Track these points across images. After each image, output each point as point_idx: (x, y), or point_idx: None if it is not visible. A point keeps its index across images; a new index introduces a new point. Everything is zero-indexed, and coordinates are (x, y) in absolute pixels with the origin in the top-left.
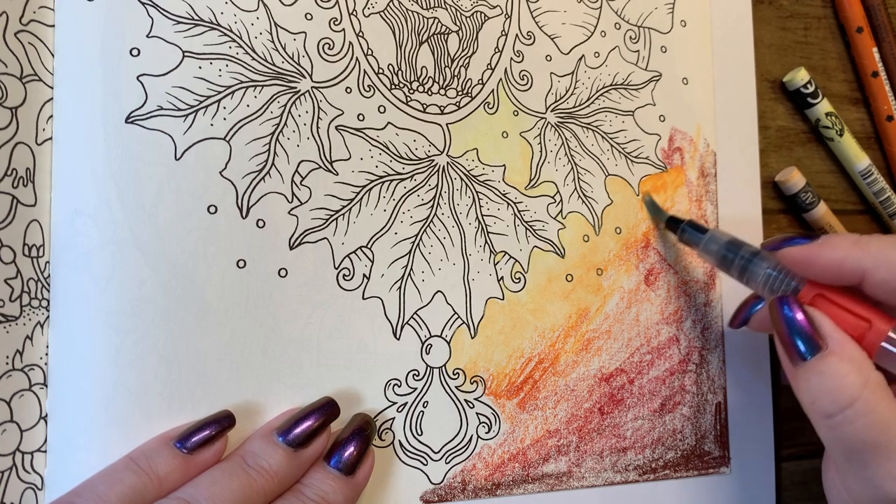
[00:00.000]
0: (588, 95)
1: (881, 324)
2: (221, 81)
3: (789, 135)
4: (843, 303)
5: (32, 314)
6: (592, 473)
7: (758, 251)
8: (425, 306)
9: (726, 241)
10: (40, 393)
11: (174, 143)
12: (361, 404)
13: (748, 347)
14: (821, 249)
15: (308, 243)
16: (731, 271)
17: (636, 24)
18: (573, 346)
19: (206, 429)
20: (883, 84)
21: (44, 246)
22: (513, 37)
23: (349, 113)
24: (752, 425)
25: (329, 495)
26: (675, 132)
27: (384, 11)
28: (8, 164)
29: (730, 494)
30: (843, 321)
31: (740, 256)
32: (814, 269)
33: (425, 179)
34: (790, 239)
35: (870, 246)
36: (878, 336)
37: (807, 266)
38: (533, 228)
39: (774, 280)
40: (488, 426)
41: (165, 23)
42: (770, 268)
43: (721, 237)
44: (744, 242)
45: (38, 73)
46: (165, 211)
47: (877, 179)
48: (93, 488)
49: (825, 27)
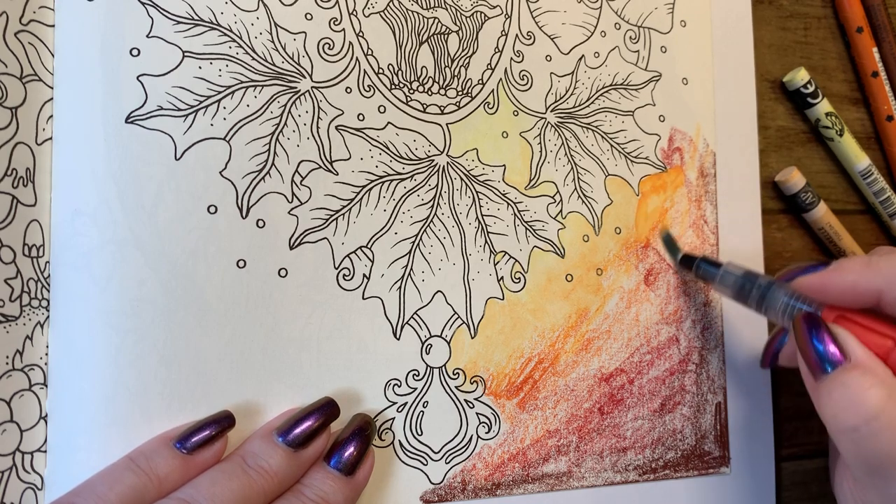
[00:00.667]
0: (588, 95)
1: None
2: (221, 81)
3: (789, 135)
4: (864, 322)
5: (32, 314)
6: (592, 473)
7: (773, 281)
8: (425, 306)
9: (741, 274)
10: (40, 393)
11: (174, 143)
12: (361, 404)
13: (748, 347)
14: (832, 275)
15: (308, 243)
16: (749, 303)
17: (636, 24)
18: (573, 346)
19: (206, 429)
20: (883, 84)
21: (44, 246)
22: (513, 37)
23: (349, 113)
24: (752, 425)
25: (329, 495)
26: (675, 132)
27: (384, 11)
28: (8, 164)
29: (730, 494)
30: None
31: (757, 287)
32: (829, 295)
33: (425, 179)
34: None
35: (881, 266)
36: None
37: (822, 292)
38: (533, 228)
39: (793, 308)
40: (488, 426)
41: (165, 23)
42: (787, 296)
43: (735, 271)
44: (759, 273)
45: (38, 73)
46: (165, 211)
47: (877, 179)
48: (93, 488)
49: (825, 27)
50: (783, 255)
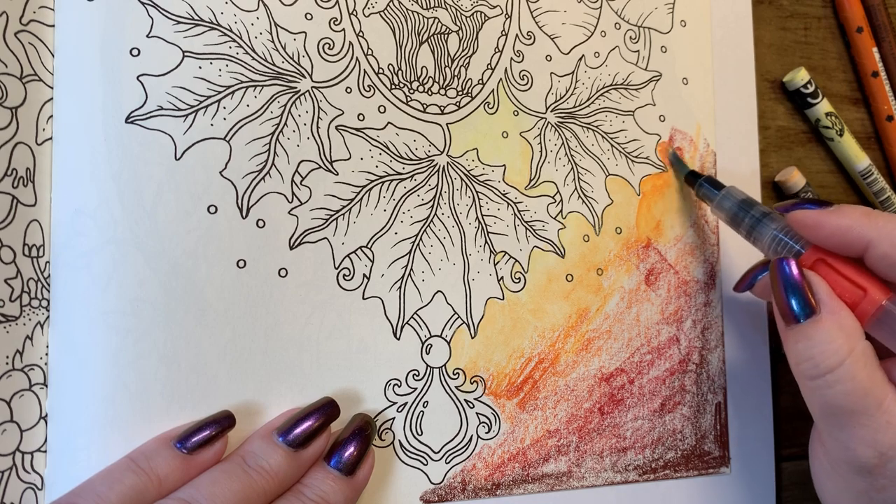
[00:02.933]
0: (588, 95)
1: (877, 293)
2: (221, 81)
3: (789, 135)
4: (842, 270)
5: (32, 314)
6: (592, 473)
7: (769, 212)
8: (425, 306)
9: (739, 200)
10: (40, 393)
11: (174, 143)
12: (361, 404)
13: (748, 348)
14: (830, 215)
15: (308, 243)
16: (740, 230)
17: (636, 24)
18: (573, 346)
19: (206, 429)
20: (883, 84)
21: (44, 246)
22: (513, 37)
23: (349, 113)
24: (752, 425)
25: (329, 495)
26: (676, 132)
27: (384, 11)
28: (8, 164)
29: (730, 494)
30: (839, 287)
31: (750, 216)
32: (820, 234)
33: (425, 179)
34: (803, 203)
35: (878, 219)
36: (871, 305)
37: (814, 230)
38: (533, 228)
39: (780, 242)
40: (488, 426)
41: (165, 23)
42: (777, 229)
43: (735, 195)
44: (757, 202)
45: (38, 73)
46: (165, 211)
47: (877, 179)
48: (93, 488)
49: (825, 27)
50: None
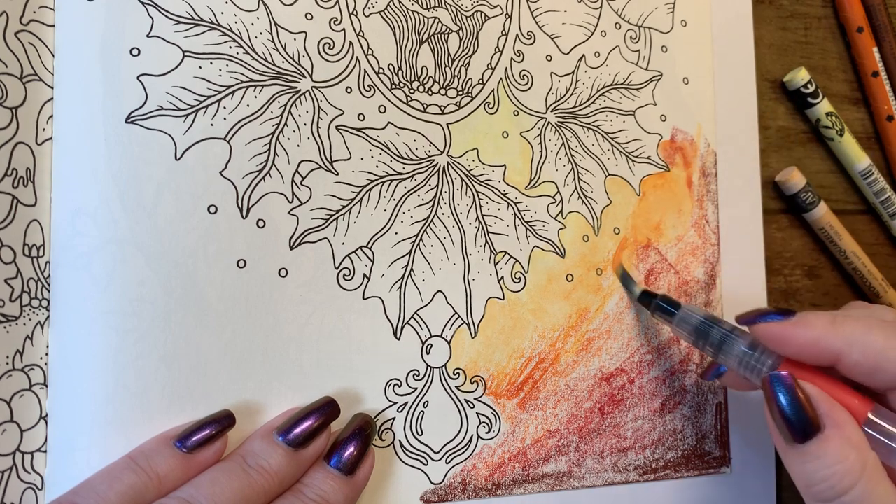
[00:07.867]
0: (588, 95)
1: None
2: (221, 81)
3: (789, 135)
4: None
5: (32, 314)
6: (593, 473)
7: (732, 328)
8: (425, 306)
9: (699, 320)
10: (40, 393)
11: (174, 143)
12: (361, 404)
13: None
14: (795, 328)
15: (308, 243)
16: (706, 349)
17: (636, 24)
18: (573, 346)
19: (206, 428)
20: (883, 84)
21: (44, 246)
22: (513, 37)
23: (349, 113)
24: (752, 425)
25: (329, 495)
26: (676, 132)
27: (384, 11)
28: (8, 164)
29: (730, 494)
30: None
31: (714, 334)
32: (789, 349)
33: (426, 179)
34: (765, 314)
35: (844, 328)
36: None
37: (781, 344)
38: (533, 228)
39: (749, 358)
40: (488, 426)
41: (165, 23)
42: (745, 346)
43: (693, 316)
44: (717, 319)
45: (38, 73)
46: (165, 211)
47: (877, 179)
48: (93, 488)
49: (825, 27)
50: (783, 254)
